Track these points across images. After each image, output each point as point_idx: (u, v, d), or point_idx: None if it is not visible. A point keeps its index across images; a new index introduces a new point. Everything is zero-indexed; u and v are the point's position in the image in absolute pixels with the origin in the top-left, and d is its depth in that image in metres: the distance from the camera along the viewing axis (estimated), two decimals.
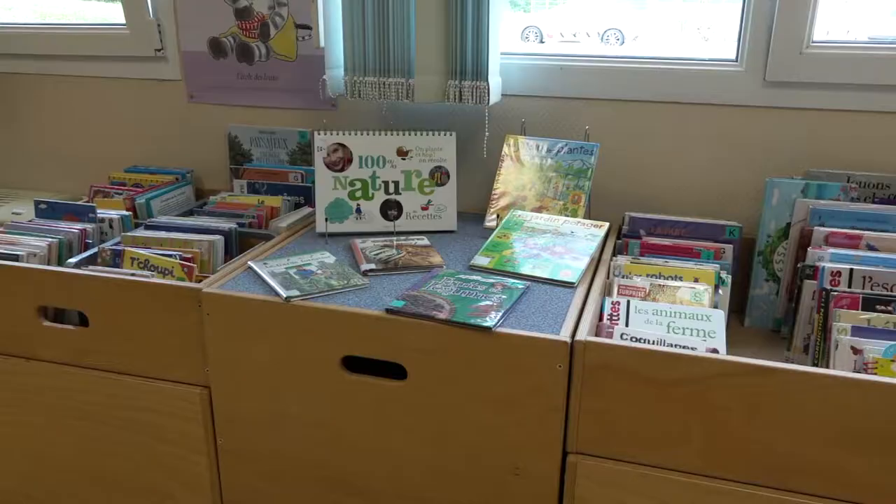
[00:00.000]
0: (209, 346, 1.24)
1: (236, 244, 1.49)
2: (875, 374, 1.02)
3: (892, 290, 1.17)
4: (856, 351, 1.07)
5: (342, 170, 1.48)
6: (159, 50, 1.80)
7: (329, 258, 1.34)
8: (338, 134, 1.48)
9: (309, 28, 1.67)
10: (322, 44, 1.53)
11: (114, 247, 1.39)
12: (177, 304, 1.25)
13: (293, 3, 1.66)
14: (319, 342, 1.17)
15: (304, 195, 1.67)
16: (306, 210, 1.62)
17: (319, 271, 1.28)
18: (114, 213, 1.55)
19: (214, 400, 1.28)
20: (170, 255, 1.36)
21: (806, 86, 1.43)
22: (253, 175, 1.73)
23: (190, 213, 1.65)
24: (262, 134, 1.77)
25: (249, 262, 1.32)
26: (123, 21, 1.81)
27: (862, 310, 1.14)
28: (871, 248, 1.27)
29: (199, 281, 1.28)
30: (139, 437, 1.36)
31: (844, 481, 0.99)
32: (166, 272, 1.34)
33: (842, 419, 0.96)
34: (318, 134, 1.48)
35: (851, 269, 1.18)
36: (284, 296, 1.18)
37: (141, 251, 1.36)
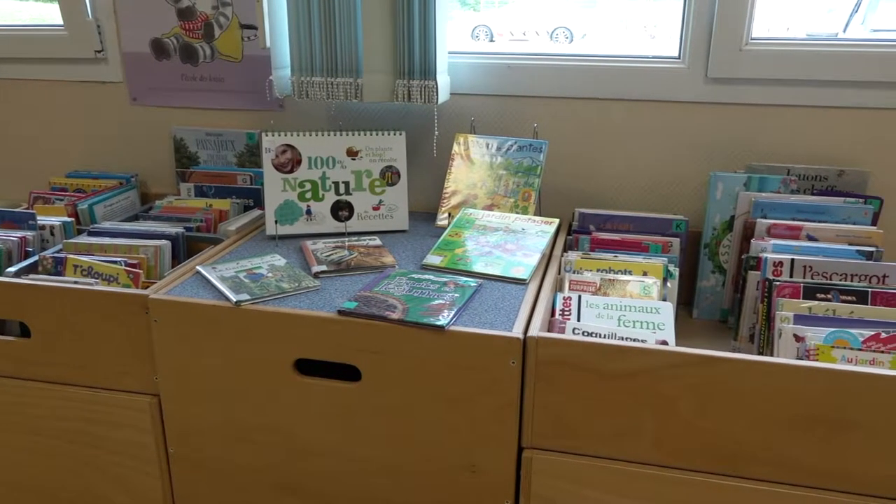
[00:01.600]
0: (158, 353, 1.22)
1: (184, 249, 1.46)
2: (817, 360, 1.06)
3: (830, 279, 1.21)
4: (798, 338, 1.10)
5: (291, 171, 1.47)
6: (99, 51, 1.75)
7: (279, 261, 1.33)
8: (286, 135, 1.46)
9: (254, 28, 1.64)
10: (268, 44, 1.51)
11: (55, 254, 1.35)
12: (123, 311, 1.21)
13: (237, 2, 1.64)
14: (271, 346, 1.16)
15: (253, 197, 1.65)
16: (255, 213, 1.60)
17: (270, 274, 1.26)
18: (55, 220, 1.50)
19: (164, 408, 1.25)
20: (114, 262, 1.32)
21: (746, 82, 1.46)
22: (200, 178, 1.70)
23: (135, 218, 1.61)
24: (208, 136, 1.74)
25: (198, 267, 1.29)
26: (61, 22, 1.75)
27: (803, 298, 1.17)
28: (810, 238, 1.31)
29: (146, 287, 1.25)
30: (88, 450, 1.32)
31: (792, 466, 1.02)
32: (111, 279, 1.30)
33: (787, 405, 0.99)
34: (266, 135, 1.46)
35: (792, 260, 1.22)
36: (234, 300, 1.16)
37: (84, 258, 1.33)
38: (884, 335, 1.07)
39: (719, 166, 1.53)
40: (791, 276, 1.22)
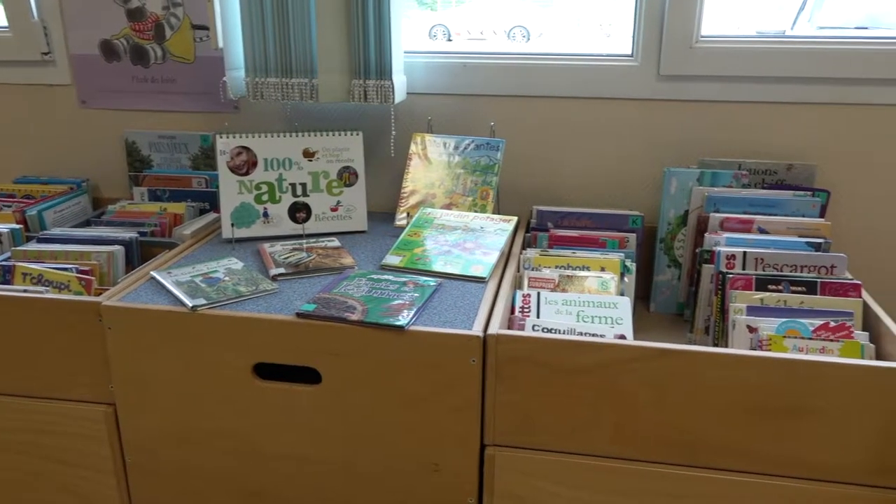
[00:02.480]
0: (112, 361, 1.19)
1: (138, 254, 1.43)
2: (769, 350, 1.08)
3: (781, 270, 1.24)
4: (751, 329, 1.13)
5: (247, 173, 1.45)
6: (46, 53, 1.71)
7: (236, 264, 1.31)
8: (241, 137, 1.44)
9: (206, 29, 1.62)
10: (221, 45, 1.49)
11: (3, 262, 1.31)
12: (75, 319, 1.19)
13: (189, 3, 1.61)
14: (229, 351, 1.14)
15: (209, 200, 1.62)
16: (211, 216, 1.58)
17: (227, 278, 1.25)
18: (3, 227, 1.46)
19: (120, 417, 1.23)
20: (65, 269, 1.29)
21: (697, 79, 1.49)
22: (154, 182, 1.67)
23: (87, 223, 1.57)
24: (161, 139, 1.71)
25: (152, 272, 1.27)
26: (5, 23, 1.70)
27: (756, 290, 1.20)
28: (762, 231, 1.33)
29: (99, 294, 1.22)
30: (42, 462, 1.29)
31: (747, 454, 1.04)
32: (62, 287, 1.27)
33: (741, 395, 1.01)
34: (221, 137, 1.44)
35: (745, 253, 1.24)
36: (190, 305, 1.14)
37: (33, 266, 1.29)
38: (832, 324, 1.10)
39: (673, 162, 1.56)
40: (743, 268, 1.24)
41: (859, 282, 1.18)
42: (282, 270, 1.28)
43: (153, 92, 1.70)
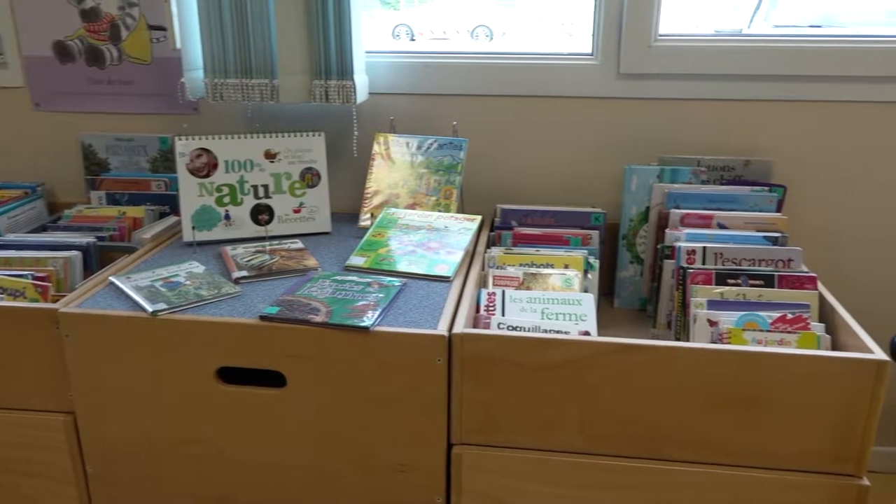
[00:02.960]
0: (71, 369, 1.17)
1: (96, 259, 1.41)
2: (729, 342, 1.10)
3: (740, 265, 1.26)
4: (712, 323, 1.15)
5: (207, 175, 1.43)
6: None
7: (198, 268, 1.29)
8: (201, 139, 1.42)
9: (163, 29, 1.59)
10: (178, 45, 1.47)
11: None
12: (31, 327, 1.16)
13: (145, 3, 1.59)
14: (192, 356, 1.13)
15: (169, 204, 1.60)
16: (172, 219, 1.55)
17: (188, 282, 1.23)
18: None
19: (80, 426, 1.20)
20: (21, 276, 1.26)
21: (656, 77, 1.51)
22: (112, 185, 1.64)
23: (43, 228, 1.54)
24: (119, 141, 1.67)
25: (111, 278, 1.25)
26: None
27: (716, 284, 1.22)
28: (721, 226, 1.36)
29: (56, 301, 1.20)
30: (1, 474, 1.26)
31: (708, 445, 1.06)
32: (17, 294, 1.24)
33: (703, 388, 1.03)
34: (180, 139, 1.42)
35: (704, 248, 1.26)
36: (150, 310, 1.12)
37: None
38: (790, 316, 1.12)
39: (634, 159, 1.57)
40: (704, 263, 1.26)
41: (815, 275, 1.20)
42: (244, 273, 1.27)
43: (110, 94, 1.66)
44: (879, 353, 1.00)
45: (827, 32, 1.51)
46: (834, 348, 1.11)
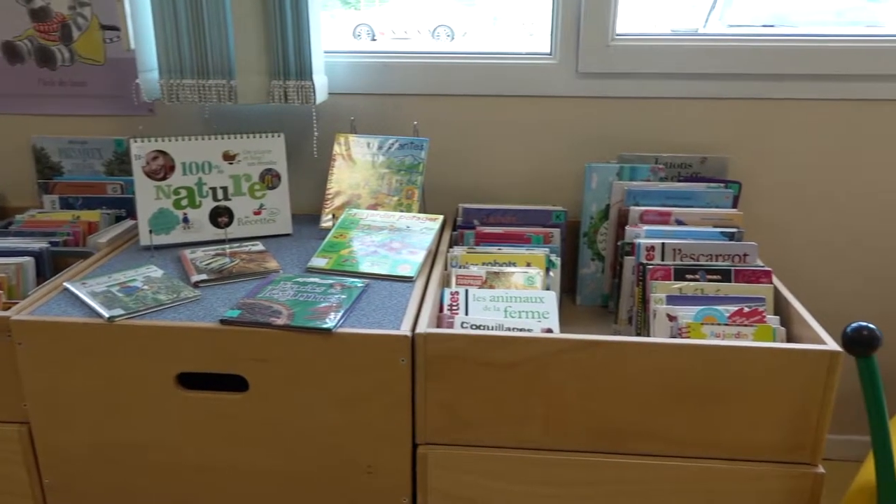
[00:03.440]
0: (24, 378, 1.14)
1: (49, 265, 1.37)
2: (688, 337, 1.12)
3: (698, 260, 1.28)
4: (671, 318, 1.16)
5: (164, 178, 1.41)
6: None
7: (156, 272, 1.27)
8: (157, 140, 1.40)
9: (116, 29, 1.56)
10: (132, 45, 1.44)
11: None
12: None
13: (97, 2, 1.55)
14: (151, 361, 1.11)
15: (125, 207, 1.57)
16: (128, 223, 1.52)
17: (146, 287, 1.21)
18: None
19: (36, 436, 1.17)
20: None
21: (614, 76, 1.53)
22: (65, 189, 1.60)
23: None
24: (72, 144, 1.64)
25: (65, 284, 1.22)
26: None
27: (674, 280, 1.24)
28: (679, 222, 1.38)
29: (7, 308, 1.16)
30: None
31: (670, 438, 1.07)
32: None
33: (663, 382, 1.04)
34: (135, 141, 1.39)
35: (663, 244, 1.28)
36: (107, 316, 1.10)
37: None
38: (746, 309, 1.14)
39: (593, 157, 1.59)
40: (662, 259, 1.28)
41: (770, 269, 1.23)
42: (204, 277, 1.25)
43: (62, 95, 1.63)
44: (832, 344, 1.03)
45: (779, 32, 1.55)
46: (788, 340, 1.14)
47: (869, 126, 1.53)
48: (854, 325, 0.98)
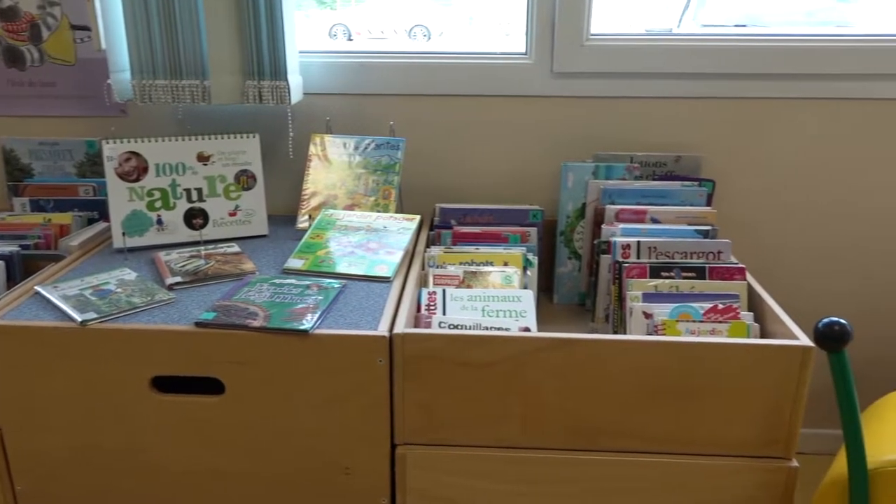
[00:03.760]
0: None
1: (20, 269, 1.35)
2: (664, 334, 1.13)
3: (673, 258, 1.29)
4: (647, 315, 1.17)
5: (137, 180, 1.39)
6: None
7: (129, 275, 1.25)
8: (129, 142, 1.38)
9: (87, 29, 1.54)
10: (104, 46, 1.42)
11: None
12: None
13: (66, 2, 1.53)
14: (125, 365, 1.09)
15: (98, 209, 1.55)
16: (101, 225, 1.50)
17: (119, 290, 1.19)
18: None
19: (7, 442, 1.15)
20: None
21: (589, 75, 1.54)
22: (36, 191, 1.57)
23: None
24: (42, 146, 1.61)
25: (37, 287, 1.20)
26: None
27: (650, 278, 1.25)
28: (654, 220, 1.39)
29: None
30: None
31: (646, 435, 1.08)
32: None
33: (639, 379, 1.05)
34: (107, 143, 1.37)
35: (639, 242, 1.29)
36: (79, 319, 1.09)
37: None
38: (721, 306, 1.15)
39: (569, 156, 1.60)
40: (638, 257, 1.29)
41: (743, 266, 1.25)
42: (179, 279, 1.24)
43: (31, 96, 1.60)
44: (804, 340, 1.04)
45: (751, 32, 1.57)
46: (762, 336, 1.15)
47: (839, 124, 1.55)
48: (825, 320, 1.00)
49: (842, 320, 0.99)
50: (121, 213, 1.38)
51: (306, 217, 1.48)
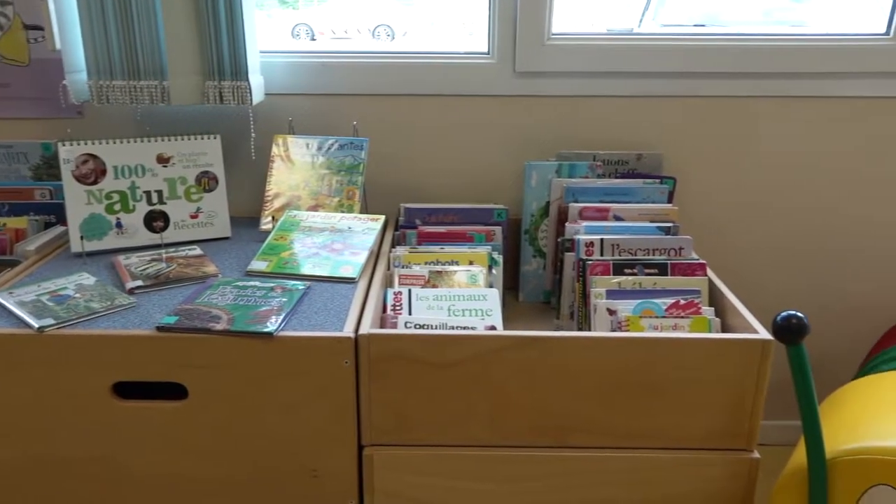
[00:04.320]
0: None
1: None
2: (628, 330, 1.14)
3: (636, 254, 1.31)
4: (611, 312, 1.19)
5: (95, 182, 1.36)
6: None
7: (88, 279, 1.23)
8: (86, 143, 1.36)
9: (41, 29, 1.51)
10: (58, 46, 1.39)
11: None
12: None
13: (19, 1, 1.49)
14: (84, 372, 1.07)
15: (55, 213, 1.51)
16: (59, 229, 1.47)
17: (78, 295, 1.17)
18: None
19: None
20: None
21: (551, 75, 1.55)
22: None
23: None
24: None
25: None
26: None
27: (613, 275, 1.26)
28: (617, 218, 1.41)
29: None
30: None
31: (613, 431, 1.09)
32: None
33: (604, 375, 1.06)
34: (64, 145, 1.34)
35: (602, 239, 1.31)
36: (36, 326, 1.06)
37: None
38: (682, 301, 1.17)
39: (533, 155, 1.61)
40: (601, 254, 1.30)
41: (704, 261, 1.27)
42: (139, 283, 1.22)
43: None
44: (764, 333, 1.06)
45: (710, 31, 1.59)
46: (723, 330, 1.17)
47: (795, 122, 1.59)
48: (784, 314, 1.02)
49: (799, 314, 1.01)
50: (78, 216, 1.35)
51: (270, 218, 1.47)
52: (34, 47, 1.53)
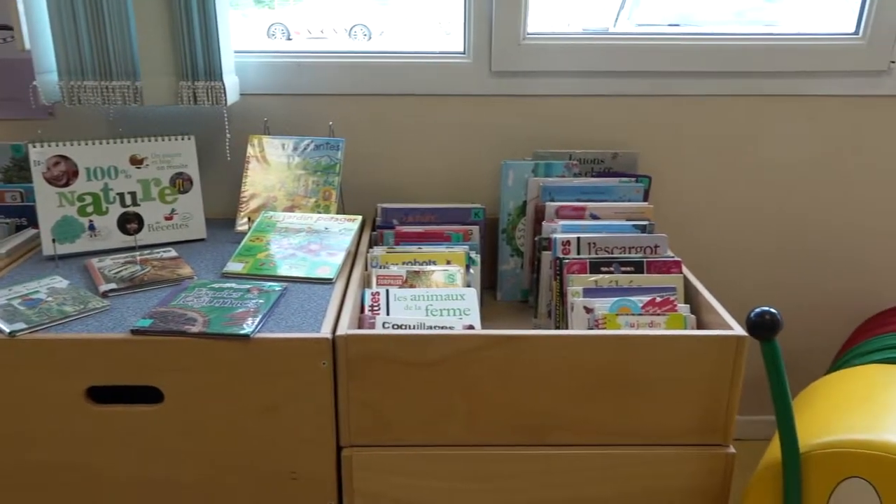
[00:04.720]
0: None
1: None
2: (605, 328, 1.15)
3: (612, 253, 1.32)
4: (588, 310, 1.19)
5: (67, 184, 1.34)
6: None
7: (61, 283, 1.21)
8: (58, 145, 1.34)
9: (9, 28, 1.48)
10: (28, 46, 1.37)
11: None
12: None
13: None
14: (58, 376, 1.06)
15: (26, 216, 1.49)
16: (30, 232, 1.45)
17: (50, 298, 1.15)
18: None
19: None
20: None
21: (526, 74, 1.55)
22: None
23: None
24: None
25: None
26: None
27: (590, 273, 1.27)
28: (594, 216, 1.41)
29: None
30: None
31: (590, 428, 1.10)
32: None
33: (582, 373, 1.07)
34: (34, 146, 1.32)
35: (578, 238, 1.31)
36: (8, 331, 1.05)
37: None
38: (658, 299, 1.18)
39: (509, 155, 1.61)
40: (578, 253, 1.31)
41: (679, 259, 1.28)
42: (113, 286, 1.20)
43: None
44: (738, 329, 1.07)
45: (684, 31, 1.61)
46: (698, 327, 1.19)
47: (768, 121, 1.61)
48: (757, 310, 1.03)
49: (772, 310, 1.02)
50: (50, 219, 1.33)
51: (245, 220, 1.46)
52: (3, 47, 1.50)
